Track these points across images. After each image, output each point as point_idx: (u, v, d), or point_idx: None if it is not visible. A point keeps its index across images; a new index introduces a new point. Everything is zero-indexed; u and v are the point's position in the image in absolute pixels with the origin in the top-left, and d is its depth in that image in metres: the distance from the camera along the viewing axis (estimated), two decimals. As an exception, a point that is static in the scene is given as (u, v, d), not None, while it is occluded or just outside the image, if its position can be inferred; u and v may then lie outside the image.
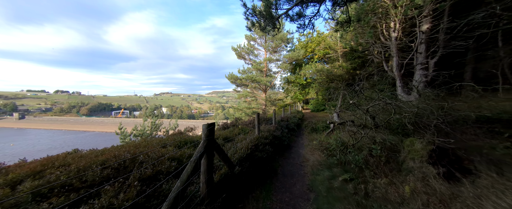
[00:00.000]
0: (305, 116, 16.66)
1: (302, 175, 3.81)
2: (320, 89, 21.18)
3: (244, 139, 4.05)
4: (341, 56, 17.47)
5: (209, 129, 2.20)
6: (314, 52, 21.30)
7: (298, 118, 11.51)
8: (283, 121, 8.25)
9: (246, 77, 17.07)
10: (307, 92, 24.10)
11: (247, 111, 18.39)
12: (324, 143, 5.31)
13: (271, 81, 19.82)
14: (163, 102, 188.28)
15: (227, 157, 2.64)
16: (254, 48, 20.02)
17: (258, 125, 4.54)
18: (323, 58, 19.98)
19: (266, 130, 5.38)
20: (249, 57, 20.16)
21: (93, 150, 3.24)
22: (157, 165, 2.42)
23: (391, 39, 10.87)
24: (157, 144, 3.43)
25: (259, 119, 4.53)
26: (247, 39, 19.79)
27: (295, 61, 21.61)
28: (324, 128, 7.96)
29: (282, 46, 19.77)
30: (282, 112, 9.72)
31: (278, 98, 22.64)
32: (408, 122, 3.66)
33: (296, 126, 9.36)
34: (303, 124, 11.42)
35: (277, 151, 5.08)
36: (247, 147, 3.38)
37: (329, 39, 17.43)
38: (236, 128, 6.05)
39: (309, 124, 9.81)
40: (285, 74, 21.76)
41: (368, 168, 3.21)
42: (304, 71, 17.79)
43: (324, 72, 16.29)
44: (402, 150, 3.60)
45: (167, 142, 3.69)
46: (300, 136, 8.00)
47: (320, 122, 9.21)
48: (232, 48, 18.89)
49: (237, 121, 7.15)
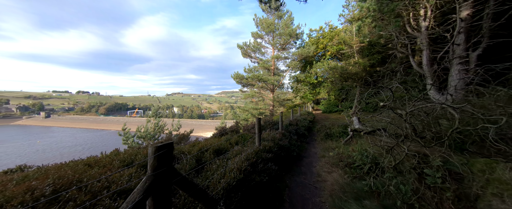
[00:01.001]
0: (316, 118, 15.33)
1: (318, 205, 2.76)
2: (332, 89, 19.62)
3: (240, 153, 3.09)
4: (357, 52, 15.88)
5: (159, 155, 1.26)
6: (326, 49, 19.78)
7: (308, 120, 10.32)
8: (292, 125, 7.16)
9: (252, 76, 16.07)
10: (318, 92, 22.58)
11: (254, 112, 17.42)
12: (344, 156, 4.17)
13: (279, 81, 18.66)
14: (174, 102, 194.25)
15: (201, 191, 1.70)
16: (261, 46, 18.99)
17: (259, 134, 3.55)
18: (336, 55, 18.42)
19: (270, 138, 4.37)
20: (255, 55, 19.16)
21: (38, 168, 2.47)
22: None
23: (420, 30, 9.30)
24: (122, 161, 2.58)
25: (260, 125, 3.54)
26: (254, 37, 18.81)
27: (305, 59, 20.24)
28: (340, 134, 6.75)
29: (291, 43, 18.51)
30: (291, 114, 8.66)
31: (286, 98, 21.41)
32: (479, 133, 2.45)
33: (307, 130, 8.22)
34: (314, 127, 10.21)
35: (283, 166, 4.06)
36: (239, 168, 2.41)
37: (343, 34, 15.92)
38: (235, 134, 5.12)
39: (322, 128, 8.60)
40: (294, 73, 20.49)
41: (424, 206, 2.08)
42: (315, 69, 16.42)
43: (337, 70, 14.83)
44: (469, 177, 2.41)
45: (137, 157, 2.84)
46: (311, 143, 6.87)
47: (335, 126, 7.97)
48: (238, 46, 18.02)
49: (237, 125, 6.22)
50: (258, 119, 3.55)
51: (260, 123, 3.58)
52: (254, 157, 2.92)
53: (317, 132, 8.60)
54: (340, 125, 8.04)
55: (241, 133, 5.64)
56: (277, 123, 6.59)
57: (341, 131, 6.93)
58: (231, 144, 4.00)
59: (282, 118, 5.80)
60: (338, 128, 7.31)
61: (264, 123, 6.51)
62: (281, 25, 16.67)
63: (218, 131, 5.74)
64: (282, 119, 5.68)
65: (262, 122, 6.57)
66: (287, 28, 16.05)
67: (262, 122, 6.63)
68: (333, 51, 18.28)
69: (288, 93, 25.52)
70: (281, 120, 5.69)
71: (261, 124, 3.67)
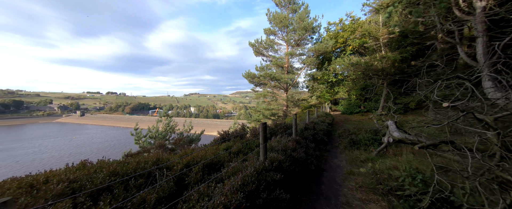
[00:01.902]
0: (336, 120, 13.80)
1: None
2: (353, 87, 17.69)
3: (238, 172, 2.22)
4: (384, 46, 13.91)
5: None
6: (347, 43, 17.87)
7: (327, 123, 9.03)
8: (308, 129, 6.08)
9: (264, 75, 15.06)
10: (336, 91, 20.67)
11: (266, 112, 16.41)
12: (383, 176, 3.03)
13: (293, 79, 17.37)
14: (191, 102, 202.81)
15: None
16: (274, 42, 17.90)
17: (264, 144, 2.63)
18: (359, 49, 16.48)
19: (280, 148, 3.43)
20: (268, 53, 18.14)
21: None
22: None
23: (473, 12, 7.46)
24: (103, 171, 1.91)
25: (265, 133, 2.62)
26: (266, 33, 17.81)
27: (322, 55, 18.62)
28: (370, 141, 5.47)
29: (307, 38, 17.08)
30: (307, 115, 7.56)
31: (301, 98, 20.01)
32: None
33: (326, 134, 7.02)
34: (334, 131, 8.90)
35: (297, 186, 3.09)
36: (227, 207, 1.53)
37: (368, 26, 14.08)
38: (239, 140, 4.28)
39: (345, 133, 7.31)
40: (309, 70, 18.99)
41: None
42: (334, 65, 14.80)
43: (360, 66, 13.10)
44: None
45: (121, 169, 2.15)
46: (333, 151, 5.71)
47: (361, 131, 6.64)
48: (250, 44, 17.20)
49: (244, 129, 5.36)
50: (263, 124, 2.64)
51: (265, 130, 2.66)
52: (255, 180, 2.02)
53: (338, 137, 7.34)
54: (367, 129, 6.68)
55: (247, 138, 4.77)
56: (290, 126, 5.59)
57: (370, 137, 5.64)
58: (230, 155, 3.15)
59: (297, 120, 4.79)
60: (366, 134, 6.01)
61: (274, 126, 5.56)
62: (295, 19, 15.39)
63: (220, 136, 4.96)
64: (296, 122, 4.68)
65: (272, 126, 5.62)
66: (302, 22, 14.73)
67: (272, 125, 5.69)
68: (355, 46, 16.34)
69: (303, 92, 23.97)
70: (295, 123, 4.68)
71: (267, 131, 2.74)
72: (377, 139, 5.55)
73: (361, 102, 18.20)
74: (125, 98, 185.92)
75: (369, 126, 8.92)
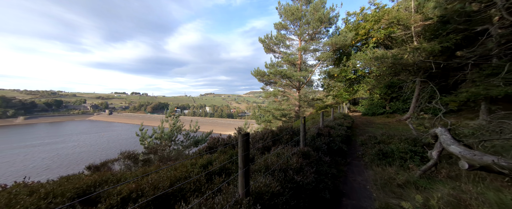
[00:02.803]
0: (356, 122, 12.08)
1: None
2: (377, 85, 15.56)
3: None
4: (416, 35, 11.78)
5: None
6: (370, 35, 15.74)
7: (346, 126, 7.61)
8: (322, 135, 4.88)
9: (274, 72, 13.81)
10: (356, 90, 18.52)
11: (276, 113, 15.20)
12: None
13: (306, 77, 15.85)
14: (207, 102, 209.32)
15: None
16: (286, 38, 16.57)
17: (245, 170, 1.65)
18: (384, 41, 14.34)
19: (279, 166, 2.41)
20: (279, 49, 16.88)
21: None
22: None
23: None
24: None
25: (247, 150, 1.64)
26: (277, 28, 16.56)
27: (340, 49, 16.74)
28: (409, 155, 4.09)
29: (322, 31, 15.43)
30: (321, 117, 6.32)
31: (316, 98, 18.36)
32: None
33: (344, 141, 5.72)
34: (355, 136, 7.46)
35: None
36: None
37: (396, 13, 12.05)
38: (229, 151, 3.34)
39: (370, 140, 5.89)
40: (325, 67, 17.22)
41: None
42: (354, 60, 12.97)
43: (387, 60, 11.20)
44: None
45: None
46: (354, 164, 4.45)
47: (394, 138, 5.18)
48: (260, 40, 16.15)
49: (238, 136, 4.42)
50: (243, 137, 1.65)
51: (247, 146, 1.67)
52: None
53: (360, 145, 5.96)
54: (401, 137, 5.20)
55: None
56: (298, 132, 4.48)
57: (407, 148, 4.24)
58: (211, 174, 2.23)
59: (305, 125, 3.69)
60: (401, 143, 4.59)
61: (279, 131, 4.49)
62: (309, 10, 13.89)
63: (207, 145, 4.09)
64: (304, 129, 3.57)
65: (277, 130, 4.55)
66: (317, 13, 13.17)
67: (276, 130, 4.63)
68: (380, 37, 14.19)
69: (318, 92, 22.13)
70: (304, 130, 3.58)
71: (250, 147, 1.75)
72: (417, 151, 4.14)
73: (386, 102, 15.98)
74: (147, 98, 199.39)
75: (399, 130, 7.29)
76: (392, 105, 15.26)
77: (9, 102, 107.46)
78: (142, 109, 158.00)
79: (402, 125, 10.20)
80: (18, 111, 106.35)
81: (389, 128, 9.58)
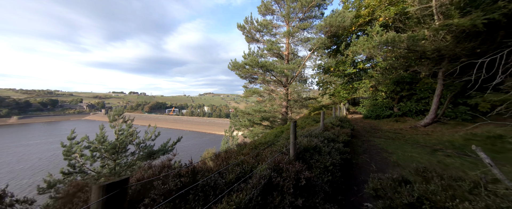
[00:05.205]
0: (356, 128, 9.02)
1: None
2: (382, 81, 12.50)
3: None
4: (438, 13, 8.66)
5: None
6: (376, 16, 12.57)
7: (342, 141, 4.56)
8: (301, 172, 1.84)
9: (251, 63, 10.61)
10: (356, 88, 15.41)
11: (257, 116, 11.98)
12: None
13: (295, 70, 12.76)
14: (205, 102, 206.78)
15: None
16: (272, 24, 13.53)
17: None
18: (394, 23, 11.23)
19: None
20: (263, 38, 13.82)
21: None
22: None
23: None
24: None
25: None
26: (261, 13, 13.48)
27: (337, 35, 13.59)
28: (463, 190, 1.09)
29: (315, 14, 12.36)
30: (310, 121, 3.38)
31: (308, 97, 15.31)
32: None
33: (342, 167, 2.69)
34: (358, 157, 4.42)
35: None
36: None
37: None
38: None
39: (377, 156, 2.85)
40: (319, 60, 14.14)
41: None
42: (356, 47, 9.89)
43: (402, 45, 8.18)
44: None
45: None
46: None
47: (413, 156, 2.18)
48: (238, 25, 13.04)
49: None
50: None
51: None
52: None
53: (367, 174, 2.94)
54: (424, 151, 2.18)
55: None
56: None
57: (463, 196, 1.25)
58: None
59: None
60: (456, 182, 1.59)
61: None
62: (297, -16, 10.84)
63: None
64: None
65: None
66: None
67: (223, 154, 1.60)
68: (390, 15, 10.99)
69: (313, 90, 19.07)
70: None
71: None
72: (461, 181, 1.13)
73: (393, 102, 12.91)
74: (144, 98, 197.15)
75: (418, 141, 4.24)
76: (402, 106, 12.18)
77: (3, 101, 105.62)
78: (140, 108, 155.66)
79: (423, 135, 7.16)
80: (12, 110, 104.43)
81: (405, 140, 6.50)
